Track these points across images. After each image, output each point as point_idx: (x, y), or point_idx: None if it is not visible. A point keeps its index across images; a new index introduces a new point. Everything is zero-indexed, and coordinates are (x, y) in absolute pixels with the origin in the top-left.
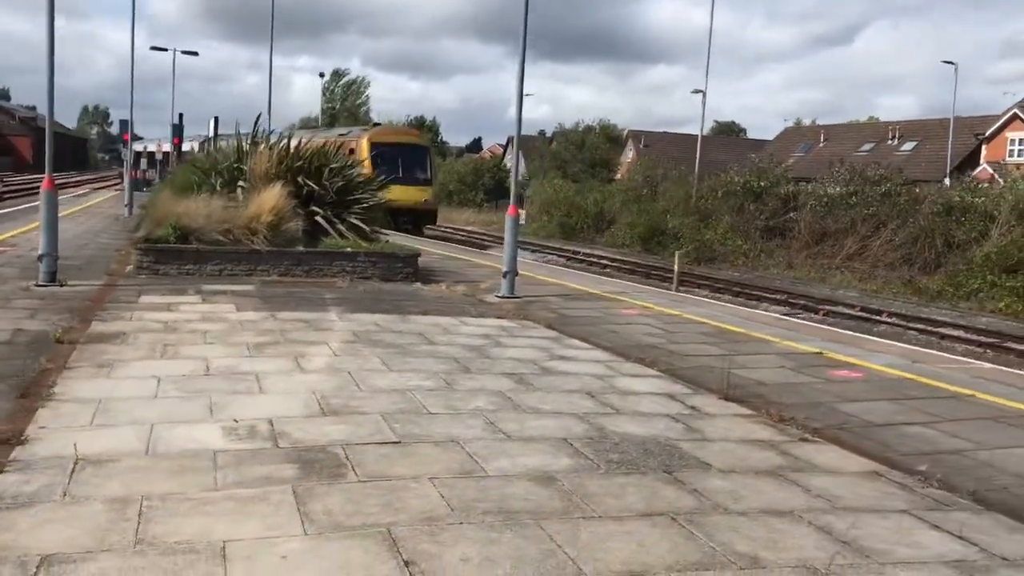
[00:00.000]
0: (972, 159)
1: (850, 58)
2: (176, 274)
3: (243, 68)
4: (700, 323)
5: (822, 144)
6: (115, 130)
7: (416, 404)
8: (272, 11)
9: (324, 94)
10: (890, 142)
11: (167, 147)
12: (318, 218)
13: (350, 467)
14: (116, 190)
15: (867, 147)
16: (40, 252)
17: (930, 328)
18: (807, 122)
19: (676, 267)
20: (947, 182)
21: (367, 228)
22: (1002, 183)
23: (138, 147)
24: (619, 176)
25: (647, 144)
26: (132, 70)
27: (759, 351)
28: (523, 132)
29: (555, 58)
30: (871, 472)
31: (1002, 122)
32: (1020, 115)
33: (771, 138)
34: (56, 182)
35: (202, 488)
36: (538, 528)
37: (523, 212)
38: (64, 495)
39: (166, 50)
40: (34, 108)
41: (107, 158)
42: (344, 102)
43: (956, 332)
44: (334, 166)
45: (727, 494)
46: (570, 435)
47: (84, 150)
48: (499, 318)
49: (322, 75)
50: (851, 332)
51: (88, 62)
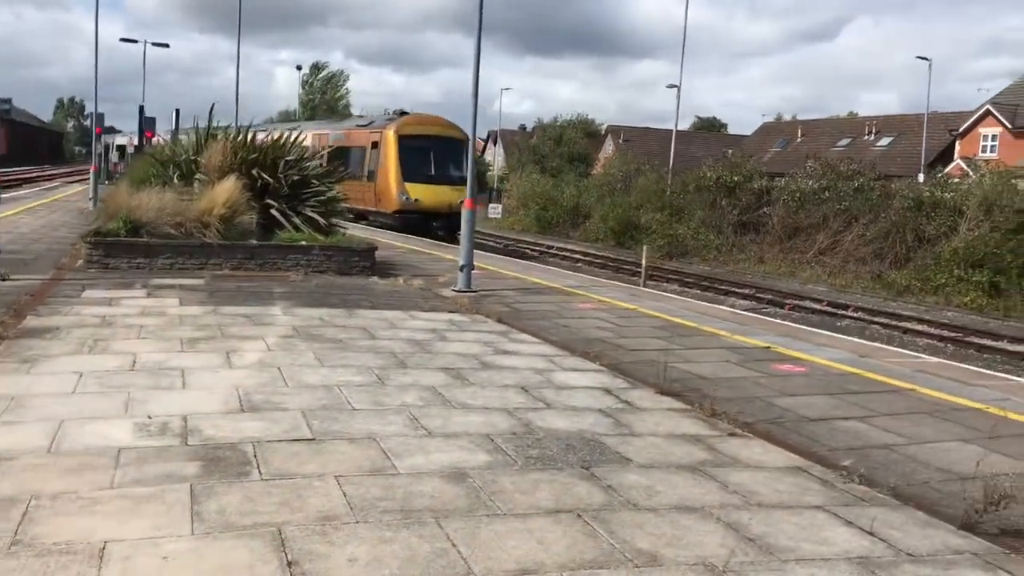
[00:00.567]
0: (947, 155)
1: (833, 54)
2: (126, 268)
3: (224, 61)
4: (654, 317)
5: (799, 139)
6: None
7: (341, 400)
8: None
9: (303, 87)
10: (867, 137)
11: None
12: (273, 211)
13: (255, 465)
14: (88, 183)
15: (844, 142)
16: None
17: (894, 322)
18: (788, 117)
19: (644, 261)
20: (921, 177)
21: (323, 221)
22: (974, 178)
23: (119, 140)
24: (596, 170)
25: (627, 139)
26: (96, 62)
27: (707, 345)
28: (504, 127)
29: (540, 53)
30: (794, 467)
31: (975, 118)
32: (993, 111)
33: (751, 133)
34: (6, 177)
35: (96, 487)
36: (437, 527)
37: (499, 206)
38: None
39: (136, 42)
40: (8, 101)
41: (84, 151)
42: (324, 95)
43: (920, 327)
44: (290, 159)
45: (642, 490)
46: (494, 431)
47: (60, 143)
48: (451, 312)
49: (299, 68)
50: (806, 327)
51: (66, 54)
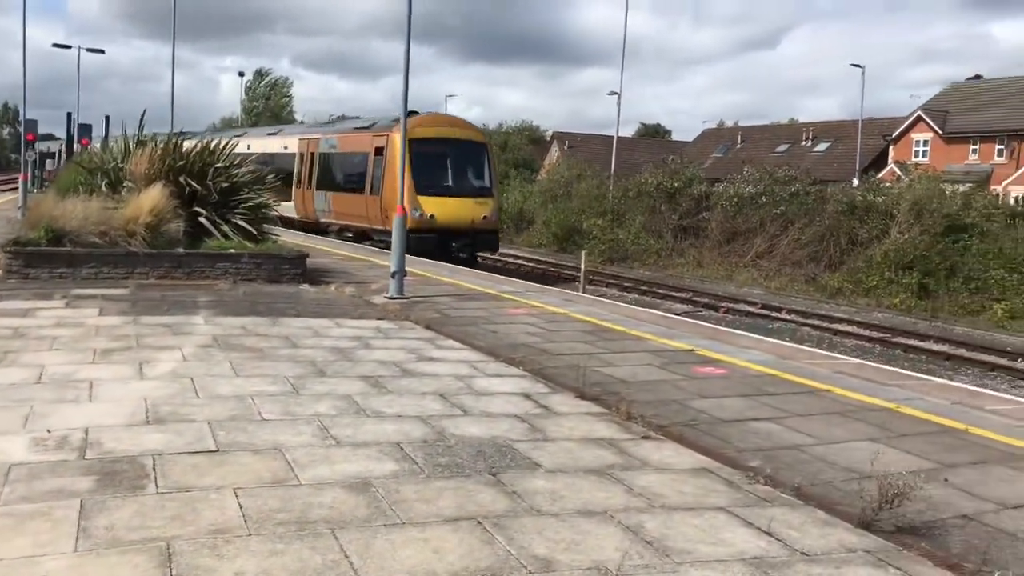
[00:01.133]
0: (881, 160)
1: (775, 62)
2: (47, 278)
3: (168, 67)
4: (584, 321)
5: (739, 145)
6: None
7: (252, 411)
8: (174, 4)
9: (247, 93)
10: (804, 143)
11: (77, 148)
12: (202, 219)
13: (153, 478)
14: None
15: (782, 148)
16: None
17: (824, 324)
18: (729, 124)
19: (583, 266)
20: (855, 182)
21: (254, 229)
22: (904, 182)
23: (54, 147)
24: (541, 176)
25: (571, 145)
26: (24, 68)
27: (632, 349)
28: None
29: (488, 60)
30: (702, 469)
31: (908, 124)
32: (924, 117)
33: (693, 140)
34: None
35: None
36: (332, 538)
37: None
38: None
39: (70, 47)
40: None
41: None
42: (267, 101)
43: (850, 328)
44: (219, 166)
45: (547, 495)
46: (406, 439)
47: None
48: (379, 319)
49: (241, 74)
50: (734, 330)
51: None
